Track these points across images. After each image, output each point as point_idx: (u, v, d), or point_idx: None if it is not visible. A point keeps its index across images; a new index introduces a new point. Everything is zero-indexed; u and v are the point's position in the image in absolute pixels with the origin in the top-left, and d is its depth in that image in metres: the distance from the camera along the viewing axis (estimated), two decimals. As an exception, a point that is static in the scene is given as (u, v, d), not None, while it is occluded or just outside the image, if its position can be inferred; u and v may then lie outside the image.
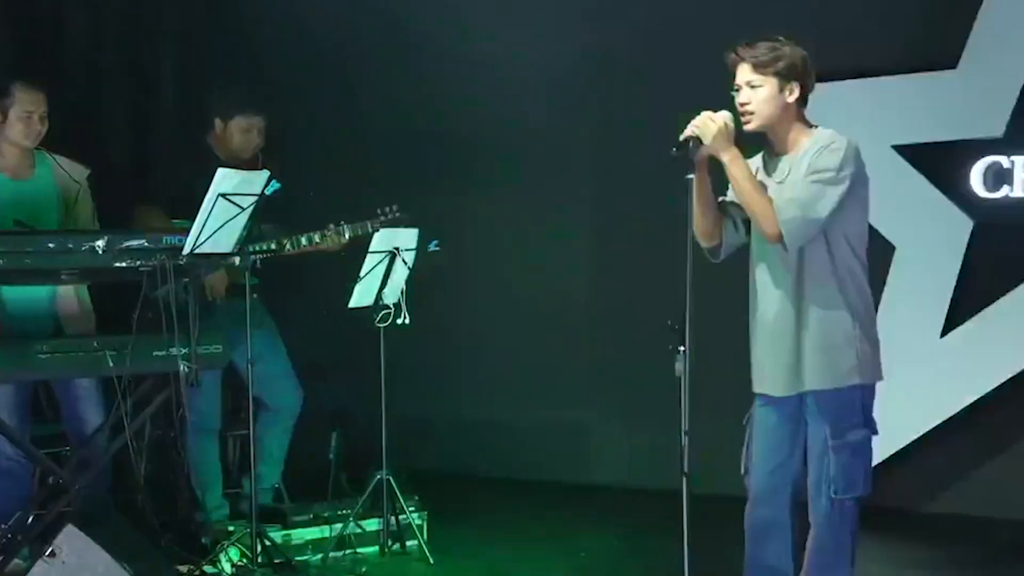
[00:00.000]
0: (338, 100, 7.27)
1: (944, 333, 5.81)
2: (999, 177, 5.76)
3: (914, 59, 5.88)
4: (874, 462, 5.79)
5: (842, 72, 5.98)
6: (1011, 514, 5.79)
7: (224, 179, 4.34)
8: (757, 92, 3.83)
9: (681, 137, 3.70)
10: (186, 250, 4.40)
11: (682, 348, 3.49)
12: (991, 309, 5.73)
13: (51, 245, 4.37)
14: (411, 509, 5.44)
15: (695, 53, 4.95)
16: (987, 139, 5.76)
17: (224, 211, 4.37)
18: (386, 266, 5.23)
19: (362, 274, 5.19)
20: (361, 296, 5.26)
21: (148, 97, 7.00)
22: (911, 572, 5.30)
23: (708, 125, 3.72)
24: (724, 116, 3.78)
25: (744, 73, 3.83)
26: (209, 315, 5.00)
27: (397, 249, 5.22)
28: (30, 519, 4.80)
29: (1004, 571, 5.21)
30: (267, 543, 5.05)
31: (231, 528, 5.20)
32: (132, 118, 6.93)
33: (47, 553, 4.13)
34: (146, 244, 4.45)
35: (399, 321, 5.31)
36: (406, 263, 5.26)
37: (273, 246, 5.26)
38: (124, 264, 4.42)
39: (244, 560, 5.00)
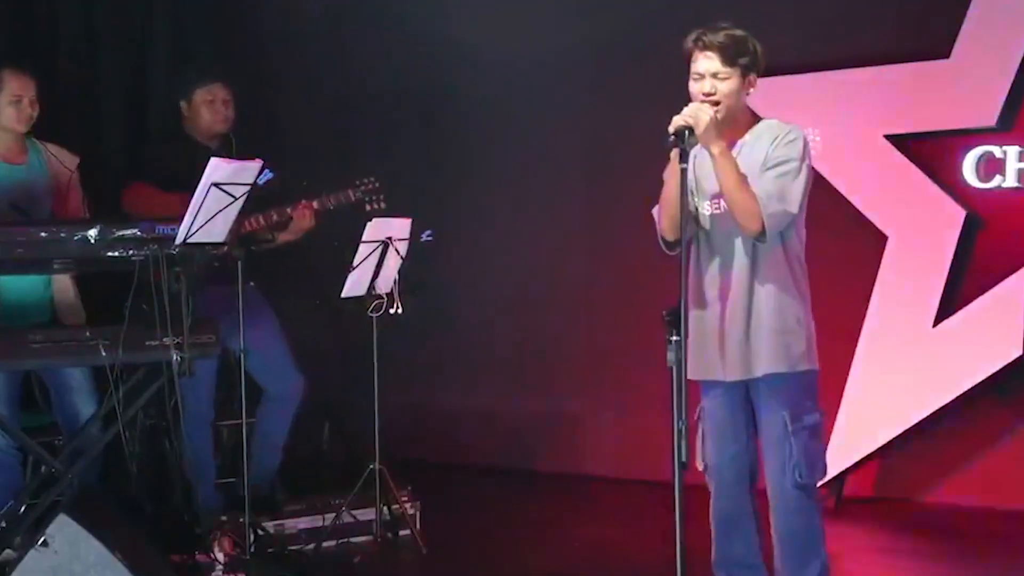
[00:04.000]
0: (331, 87, 7.24)
1: (936, 322, 5.81)
2: (991, 167, 5.76)
3: (907, 48, 5.87)
4: (866, 452, 5.94)
5: (835, 61, 5.98)
6: (1004, 503, 5.80)
7: (217, 168, 4.32)
8: (724, 84, 3.84)
9: (673, 127, 3.66)
10: (178, 240, 4.39)
11: (675, 338, 3.49)
12: (983, 298, 5.73)
13: (43, 235, 4.37)
14: (404, 499, 5.44)
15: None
16: (980, 129, 5.76)
17: (217, 200, 4.35)
18: (379, 256, 5.22)
19: (355, 264, 5.19)
20: (354, 286, 5.26)
21: (142, 85, 6.96)
22: (902, 562, 5.31)
23: (700, 116, 3.71)
24: (711, 107, 3.77)
25: (712, 63, 3.84)
26: (203, 303, 5.00)
27: (390, 239, 5.21)
28: (22, 509, 4.80)
29: (1000, 561, 5.22)
30: (260, 532, 5.05)
31: (224, 517, 5.19)
32: (126, 106, 6.90)
33: (39, 542, 4.12)
34: (139, 233, 4.44)
35: (392, 311, 5.30)
36: (399, 253, 5.25)
37: (269, 236, 5.24)
38: (116, 253, 4.41)
39: (237, 549, 5.00)
